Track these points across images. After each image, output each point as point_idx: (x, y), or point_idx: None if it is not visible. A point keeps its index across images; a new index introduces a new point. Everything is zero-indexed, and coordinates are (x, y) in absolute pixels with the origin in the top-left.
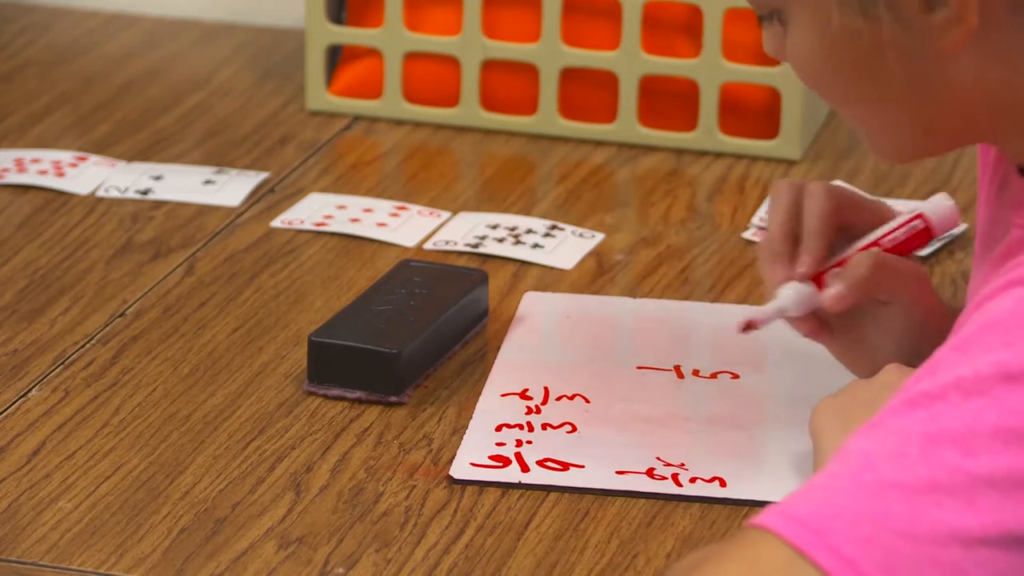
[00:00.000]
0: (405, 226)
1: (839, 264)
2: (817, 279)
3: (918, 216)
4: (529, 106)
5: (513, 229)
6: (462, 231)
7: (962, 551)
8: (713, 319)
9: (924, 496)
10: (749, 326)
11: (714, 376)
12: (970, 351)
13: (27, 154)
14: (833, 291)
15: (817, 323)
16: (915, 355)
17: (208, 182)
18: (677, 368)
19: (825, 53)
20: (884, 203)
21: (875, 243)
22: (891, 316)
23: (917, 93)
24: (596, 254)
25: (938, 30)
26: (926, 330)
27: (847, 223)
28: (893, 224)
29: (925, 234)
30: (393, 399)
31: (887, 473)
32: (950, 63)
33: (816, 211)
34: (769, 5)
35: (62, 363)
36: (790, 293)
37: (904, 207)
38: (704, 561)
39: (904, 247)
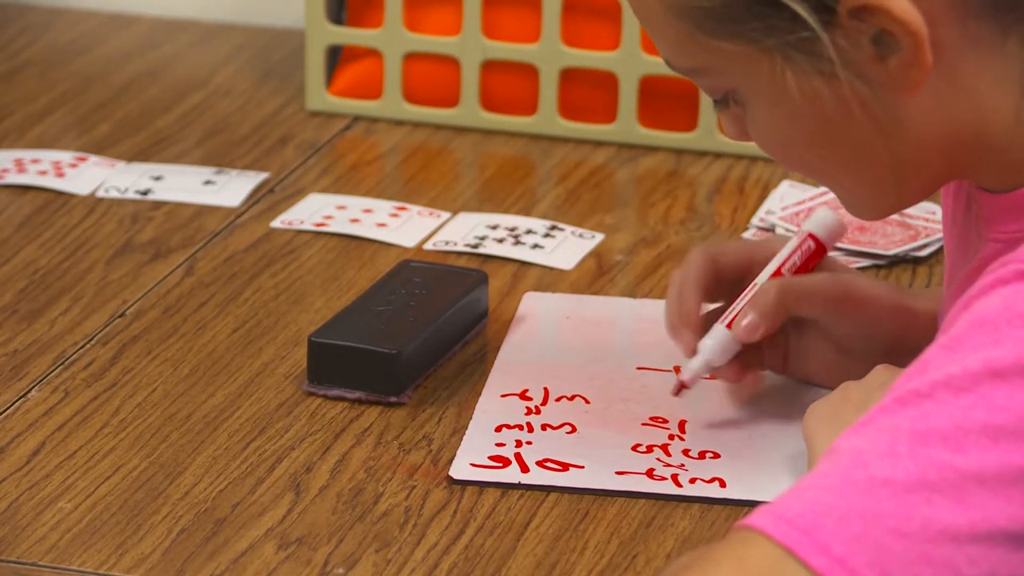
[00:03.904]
0: (405, 226)
1: (734, 298)
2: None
3: (809, 236)
4: (529, 106)
5: (513, 229)
6: (462, 231)
7: (953, 548)
8: None
9: (914, 494)
10: (681, 387)
11: (713, 377)
12: (960, 349)
13: (27, 154)
14: (745, 322)
15: (740, 367)
16: (880, 348)
17: (208, 182)
18: (677, 369)
19: (790, 123)
20: (773, 237)
21: (776, 273)
22: (828, 330)
23: (886, 142)
24: (596, 254)
25: (896, 76)
26: (877, 325)
27: (742, 271)
28: (787, 251)
29: (820, 251)
30: (393, 399)
31: (877, 471)
32: (912, 105)
33: (688, 275)
34: (722, 88)
35: (62, 363)
36: (711, 343)
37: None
38: (693, 564)
39: (803, 270)
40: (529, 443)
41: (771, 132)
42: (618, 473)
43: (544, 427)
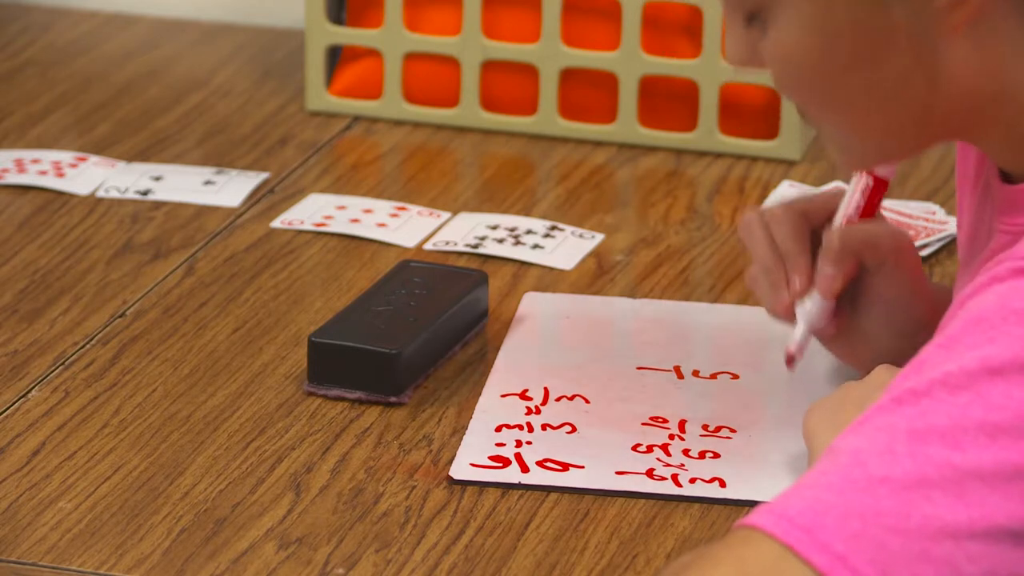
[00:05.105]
0: (405, 226)
1: None
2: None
3: (864, 173)
4: (529, 106)
5: (513, 230)
6: (462, 231)
7: (953, 545)
8: (713, 319)
9: (914, 491)
10: (792, 359)
11: (714, 376)
12: (955, 347)
13: (27, 154)
14: (823, 275)
15: (838, 321)
16: (906, 329)
17: (208, 182)
18: (677, 368)
19: (822, 48)
20: (836, 187)
21: (845, 220)
22: (880, 286)
23: (922, 80)
24: (596, 254)
25: (941, 13)
26: (915, 297)
27: (818, 224)
28: (848, 195)
29: (880, 186)
30: (393, 399)
31: (876, 469)
32: (948, 49)
33: (786, 233)
34: (755, 5)
35: (62, 363)
36: (812, 309)
37: (903, 207)
38: (693, 563)
39: (868, 208)
40: (529, 443)
41: (796, 58)
42: (618, 473)
43: (544, 427)
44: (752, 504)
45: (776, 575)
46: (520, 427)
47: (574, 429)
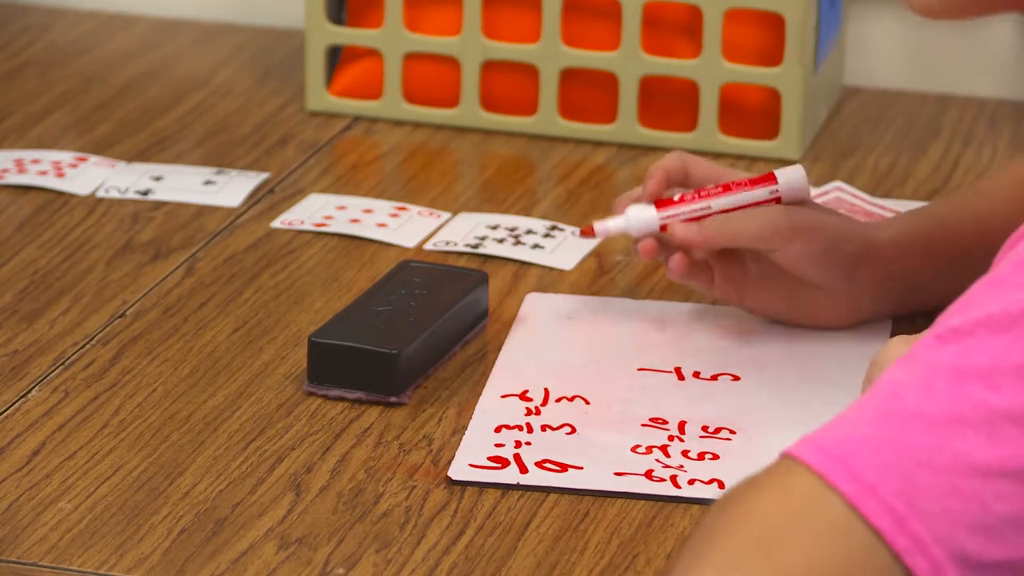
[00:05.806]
0: (405, 227)
1: (682, 199)
2: (663, 227)
3: (776, 199)
4: (529, 106)
5: (513, 230)
6: (462, 232)
7: (982, 483)
8: (714, 320)
9: (947, 428)
10: (586, 232)
11: (715, 378)
12: (1001, 287)
13: (27, 154)
14: (684, 224)
15: (655, 246)
16: (842, 273)
17: (208, 183)
18: (678, 370)
19: None
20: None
21: (727, 186)
22: (789, 259)
23: None
24: (596, 255)
25: None
26: (831, 252)
27: (693, 178)
28: (752, 199)
29: (774, 202)
30: (393, 399)
31: (912, 404)
32: None
33: (659, 163)
34: None
35: (62, 364)
36: (634, 215)
37: (904, 207)
38: (739, 494)
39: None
40: (528, 444)
41: None
42: (617, 474)
43: (544, 428)
44: None
45: (814, 505)
46: (520, 428)
47: (574, 430)
